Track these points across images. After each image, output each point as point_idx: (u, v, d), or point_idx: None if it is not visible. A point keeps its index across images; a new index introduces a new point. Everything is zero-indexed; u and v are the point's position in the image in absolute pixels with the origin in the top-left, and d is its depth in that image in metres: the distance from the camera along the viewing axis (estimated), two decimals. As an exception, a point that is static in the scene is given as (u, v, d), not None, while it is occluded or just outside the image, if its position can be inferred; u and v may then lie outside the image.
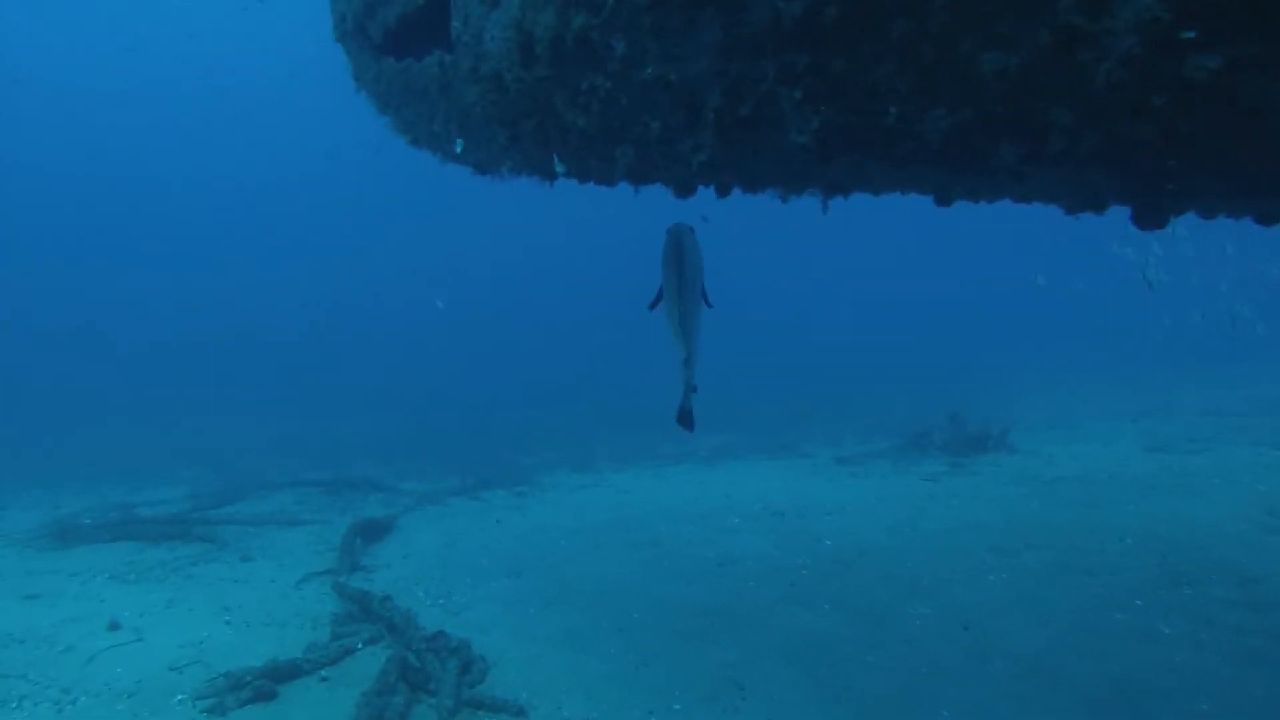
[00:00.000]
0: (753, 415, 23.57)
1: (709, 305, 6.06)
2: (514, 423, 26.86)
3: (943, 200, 4.27)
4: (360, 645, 8.10)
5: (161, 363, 42.34)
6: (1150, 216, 3.51)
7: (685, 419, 6.36)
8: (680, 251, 5.65)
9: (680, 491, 15.26)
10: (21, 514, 16.04)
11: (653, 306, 6.08)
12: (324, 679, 7.50)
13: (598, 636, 8.27)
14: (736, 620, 8.55)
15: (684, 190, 4.85)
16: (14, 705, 7.19)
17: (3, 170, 59.18)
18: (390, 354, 44.33)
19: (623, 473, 17.86)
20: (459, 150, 5.43)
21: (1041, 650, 7.51)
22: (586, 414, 27.59)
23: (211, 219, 64.72)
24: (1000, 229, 50.12)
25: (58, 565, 11.69)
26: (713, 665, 7.53)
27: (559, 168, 4.86)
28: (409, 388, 35.06)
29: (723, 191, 4.78)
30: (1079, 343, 37.60)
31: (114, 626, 8.94)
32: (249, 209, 66.24)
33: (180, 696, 7.21)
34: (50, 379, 38.50)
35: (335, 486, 16.98)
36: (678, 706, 6.84)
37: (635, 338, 42.28)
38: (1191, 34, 2.52)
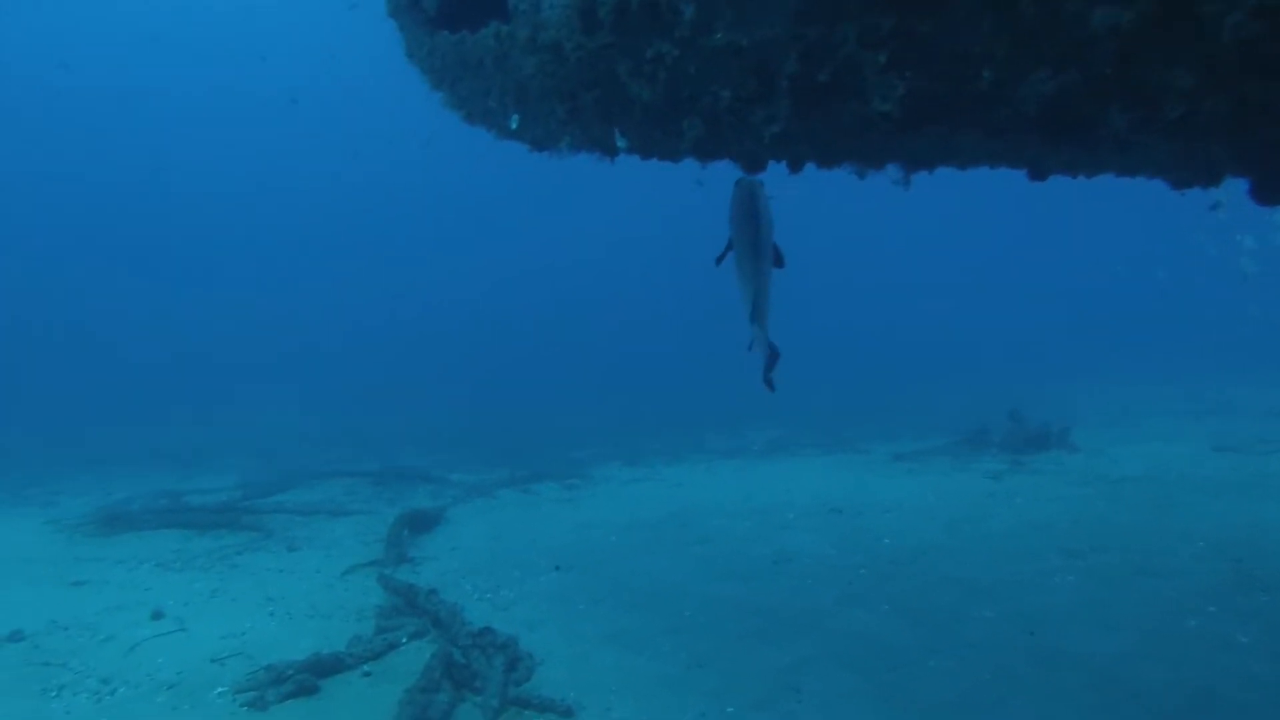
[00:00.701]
0: (806, 410, 23.29)
1: (781, 265, 5.74)
2: (565, 416, 26.81)
3: (1037, 174, 3.98)
4: (405, 639, 7.93)
5: (217, 357, 42.75)
6: (1273, 189, 3.21)
7: (767, 381, 6.08)
8: (754, 204, 5.36)
9: (733, 487, 15.04)
10: (73, 500, 16.16)
11: (719, 261, 5.80)
12: (367, 674, 7.34)
13: (648, 636, 8.05)
14: (792, 621, 8.29)
15: (754, 165, 4.60)
16: (54, 694, 7.10)
17: (77, 168, 60.20)
18: (444, 349, 44.41)
19: (674, 467, 17.67)
20: (514, 126, 5.21)
21: (1112, 657, 7.20)
22: (638, 408, 27.50)
23: (267, 216, 65.35)
24: (1070, 213, 49.51)
25: (105, 552, 11.68)
26: (767, 668, 7.28)
27: (621, 143, 4.62)
28: (461, 382, 35.14)
29: (795, 166, 4.51)
30: (1144, 337, 36.89)
31: (157, 615, 8.87)
32: (308, 206, 66.78)
33: (221, 689, 7.07)
34: (110, 371, 39.02)
35: (384, 477, 16.94)
36: (731, 709, 6.60)
37: (687, 332, 42.22)
38: (1339, -21, 2.24)
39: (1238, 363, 28.11)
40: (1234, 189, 3.95)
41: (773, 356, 5.89)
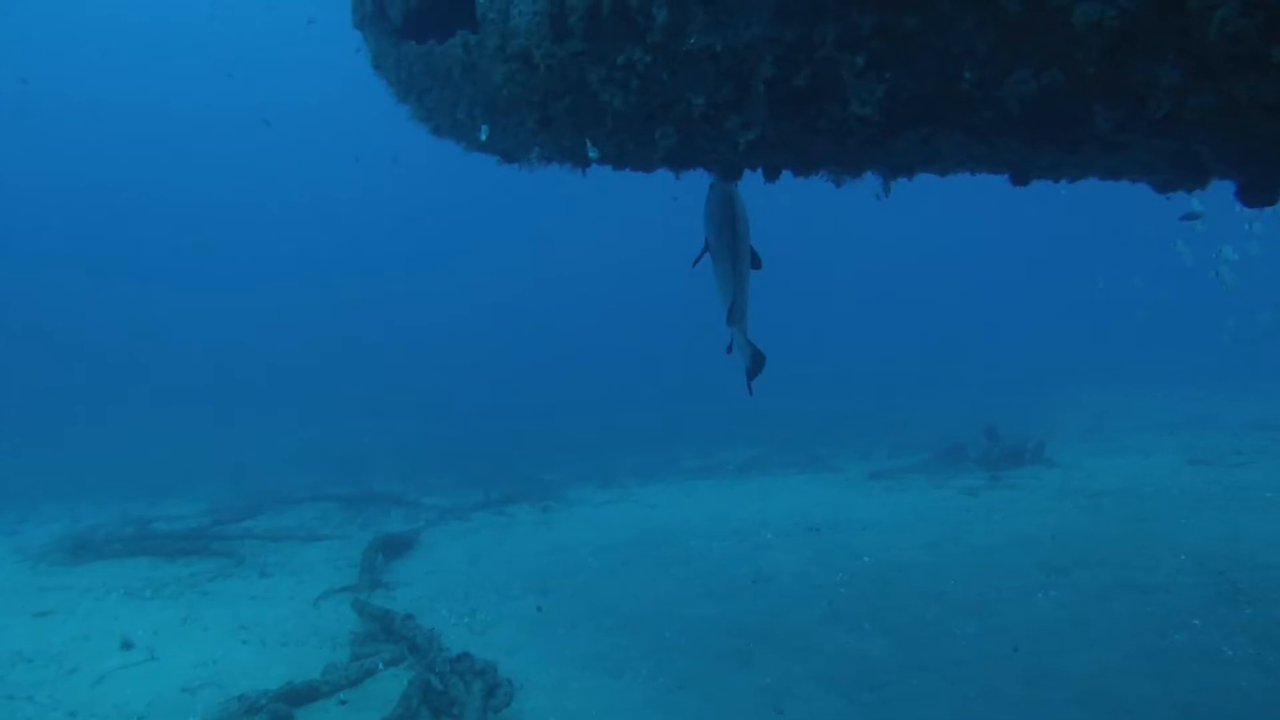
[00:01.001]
0: (780, 427, 23.18)
1: (758, 267, 5.68)
2: (539, 437, 26.60)
3: (1019, 178, 3.91)
4: (381, 666, 7.81)
5: (187, 376, 42.39)
6: (1261, 191, 3.14)
7: (749, 385, 6.00)
8: (731, 206, 5.30)
9: (710, 506, 14.91)
10: (39, 528, 15.92)
11: (695, 264, 5.74)
12: (343, 702, 7.21)
13: (629, 659, 7.94)
14: (773, 641, 8.20)
15: (730, 173, 4.51)
16: (18, 729, 6.93)
17: (24, 180, 59.78)
18: (414, 369, 44.21)
19: (650, 487, 17.53)
20: (484, 138, 5.11)
21: (1098, 672, 7.13)
22: (612, 429, 27.30)
23: (241, 231, 65.02)
24: (1047, 222, 49.67)
25: (71, 581, 11.49)
26: (750, 690, 7.19)
27: (592, 153, 4.53)
28: (432, 403, 34.94)
29: (772, 174, 4.43)
30: (1117, 350, 37.01)
31: (126, 645, 8.72)
32: (279, 221, 66.50)
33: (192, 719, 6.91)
34: (75, 392, 38.60)
35: (357, 501, 16.79)
36: (713, 732, 6.52)
37: (659, 352, 42.14)
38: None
39: (1215, 373, 28.17)
40: (1209, 200, 3.89)
41: (758, 360, 5.82)
